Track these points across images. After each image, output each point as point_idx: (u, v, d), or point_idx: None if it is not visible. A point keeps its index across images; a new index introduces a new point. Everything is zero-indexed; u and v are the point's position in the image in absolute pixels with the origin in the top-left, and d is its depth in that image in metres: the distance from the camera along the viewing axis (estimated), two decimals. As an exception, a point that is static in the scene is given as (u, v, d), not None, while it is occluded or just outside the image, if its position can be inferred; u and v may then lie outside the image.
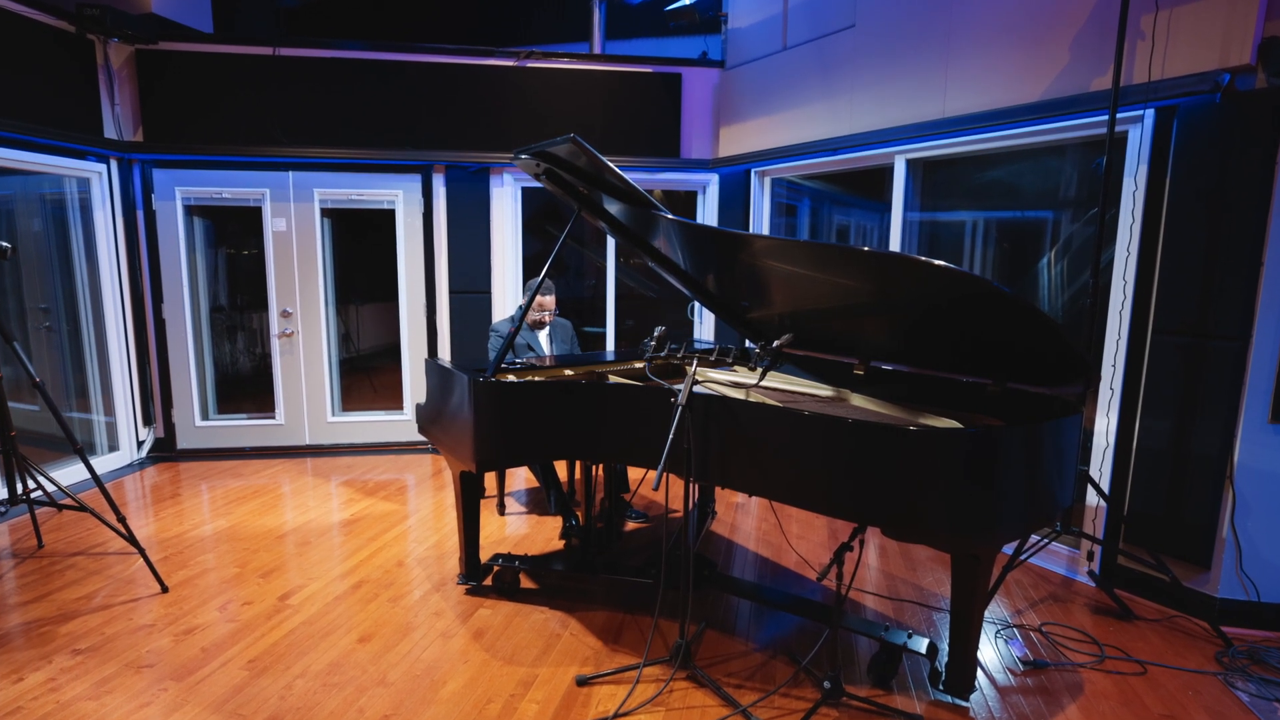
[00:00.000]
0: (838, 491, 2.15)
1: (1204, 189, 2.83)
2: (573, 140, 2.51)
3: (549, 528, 3.87)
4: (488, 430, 2.75)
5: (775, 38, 4.74)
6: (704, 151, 5.29)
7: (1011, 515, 2.08)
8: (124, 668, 2.51)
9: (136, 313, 4.93)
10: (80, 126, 4.44)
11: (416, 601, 3.02)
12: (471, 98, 4.99)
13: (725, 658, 2.61)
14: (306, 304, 5.18)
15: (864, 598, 3.12)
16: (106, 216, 4.71)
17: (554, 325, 4.14)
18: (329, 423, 5.34)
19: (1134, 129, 3.08)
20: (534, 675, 2.49)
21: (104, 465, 4.78)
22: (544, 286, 3.88)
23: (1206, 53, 2.76)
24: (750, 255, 2.65)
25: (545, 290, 3.94)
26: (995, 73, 3.50)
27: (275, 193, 5.03)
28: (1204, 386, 2.87)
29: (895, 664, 2.49)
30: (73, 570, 3.27)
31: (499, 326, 4.04)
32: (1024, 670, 2.58)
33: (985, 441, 2.01)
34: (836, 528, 3.98)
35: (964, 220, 4.23)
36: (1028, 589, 3.24)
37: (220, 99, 4.77)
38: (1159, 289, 3.00)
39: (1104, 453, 3.24)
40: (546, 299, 3.96)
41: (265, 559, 3.44)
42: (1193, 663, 2.64)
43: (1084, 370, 2.18)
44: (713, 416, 2.37)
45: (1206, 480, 2.88)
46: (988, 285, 2.01)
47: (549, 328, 4.11)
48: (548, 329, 4.12)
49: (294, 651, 2.63)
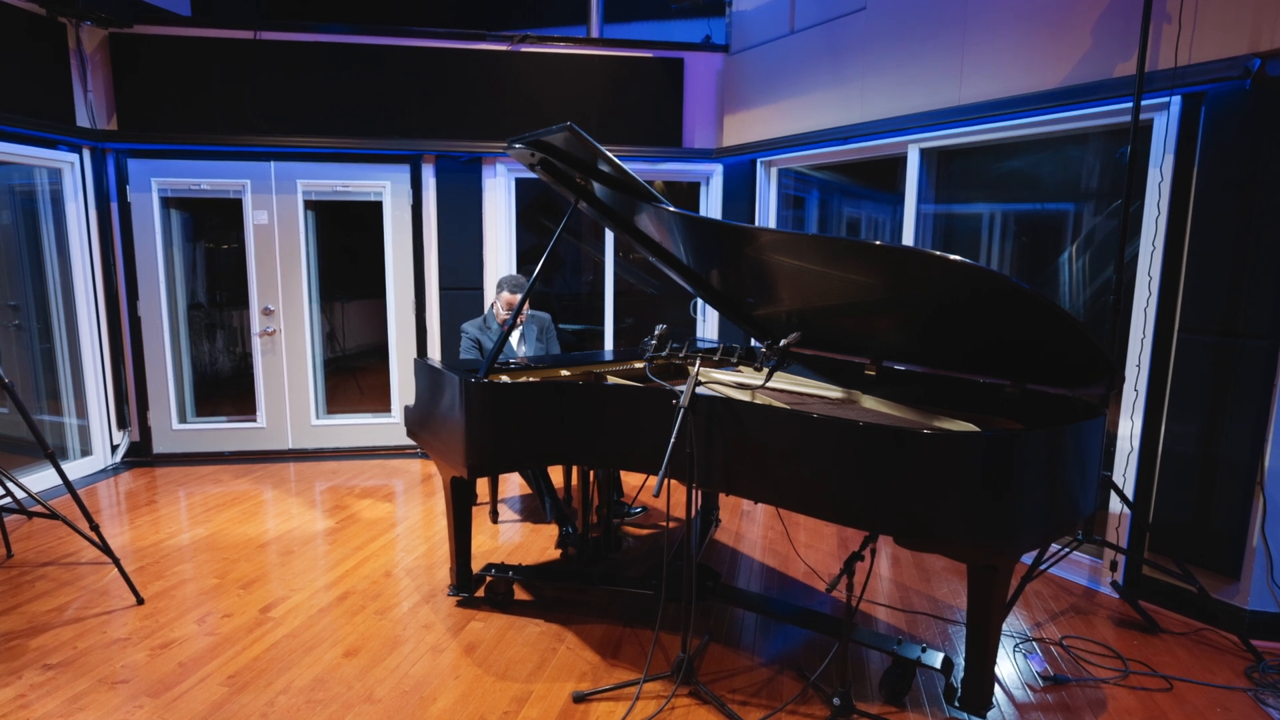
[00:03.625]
0: (848, 498, 2.14)
1: (1233, 180, 2.83)
2: (569, 129, 2.51)
3: (544, 536, 3.87)
4: (480, 434, 2.75)
5: (782, 21, 4.74)
6: (707, 141, 5.29)
7: (1031, 523, 2.08)
8: (97, 684, 2.50)
9: (111, 310, 4.93)
10: (51, 114, 4.43)
11: (405, 614, 3.02)
12: (463, 84, 4.99)
13: (730, 673, 2.61)
14: (289, 301, 5.18)
15: (875, 610, 3.12)
16: (79, 209, 4.71)
17: (528, 321, 4.12)
18: (313, 426, 5.34)
19: (1159, 117, 3.08)
20: (528, 691, 2.48)
21: (76, 470, 4.78)
22: (511, 285, 3.88)
23: (1235, 37, 2.75)
24: (756, 249, 2.65)
25: (513, 288, 3.90)
26: (1014, 58, 3.50)
27: (256, 184, 5.03)
28: (1233, 388, 2.87)
29: (909, 680, 2.48)
30: (43, 581, 3.27)
31: (467, 327, 4.05)
32: (1044, 686, 2.57)
33: (1003, 446, 2.01)
34: (847, 536, 3.98)
35: (981, 213, 4.22)
36: (1048, 600, 3.23)
37: (199, 85, 4.77)
38: (1186, 285, 3.00)
39: (1128, 457, 3.23)
40: (512, 297, 3.89)
41: (246, 569, 3.44)
42: (1221, 678, 2.63)
43: (1107, 371, 2.17)
44: (716, 419, 2.36)
45: (1235, 486, 2.88)
46: (1006, 281, 2.01)
47: (521, 327, 4.10)
48: (520, 329, 4.11)
49: (276, 666, 2.62)
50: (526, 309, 4.03)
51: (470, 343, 4.01)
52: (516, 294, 3.89)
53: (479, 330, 4.03)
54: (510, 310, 3.90)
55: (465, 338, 4.03)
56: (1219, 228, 2.88)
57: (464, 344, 4.02)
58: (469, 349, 4.00)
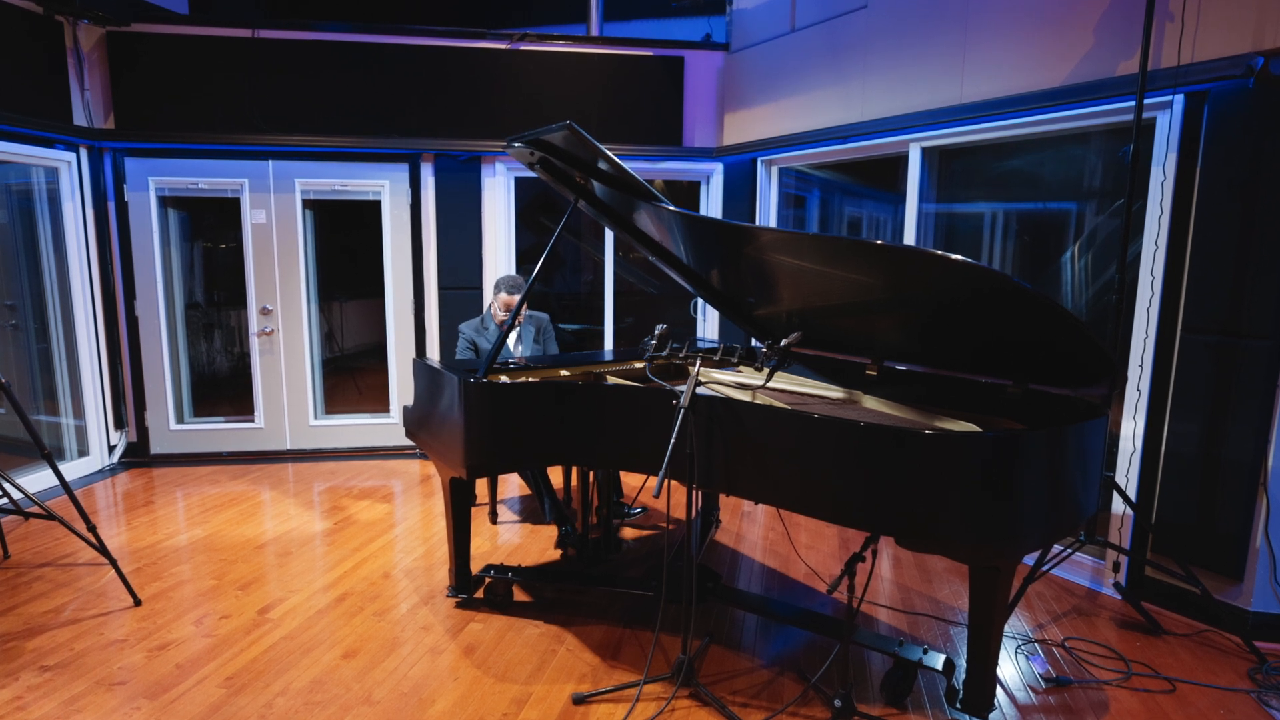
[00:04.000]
0: (849, 499, 2.15)
1: (1236, 179, 2.83)
2: (569, 127, 2.51)
3: (543, 537, 3.88)
4: (479, 434, 2.75)
5: (783, 19, 4.75)
6: (708, 139, 5.30)
7: (1033, 524, 2.08)
8: (94, 685, 2.51)
9: (108, 310, 4.93)
10: (48, 113, 4.44)
11: (404, 615, 3.02)
12: (462, 83, 5.00)
13: (730, 675, 2.61)
14: (287, 301, 5.19)
15: (877, 611, 3.13)
16: (76, 208, 4.72)
17: (526, 322, 4.12)
18: (311, 426, 5.34)
19: (1162, 115, 3.09)
20: (528, 693, 2.49)
21: (73, 471, 4.78)
22: (509, 286, 3.88)
23: (1239, 35, 2.76)
24: (757, 249, 2.65)
25: (510, 289, 3.89)
26: (1016, 56, 3.50)
27: (254, 183, 5.03)
28: (1236, 388, 2.87)
29: (910, 681, 2.49)
30: (40, 582, 3.28)
31: (464, 328, 4.05)
32: (1046, 688, 2.58)
33: (1005, 446, 2.01)
34: (848, 537, 3.99)
35: (982, 212, 4.23)
36: (1050, 602, 3.24)
37: (196, 84, 4.77)
38: (1189, 285, 3.00)
39: (1130, 458, 3.24)
40: (510, 298, 3.89)
41: (244, 570, 3.44)
42: (1224, 680, 2.64)
43: (1109, 371, 2.18)
44: (717, 419, 2.37)
45: (1239, 487, 2.89)
46: (1007, 280, 2.02)
47: (519, 327, 4.11)
48: (518, 329, 4.11)
49: (274, 668, 2.63)
50: (525, 309, 4.03)
51: (466, 344, 4.01)
52: (514, 295, 3.88)
53: (475, 331, 4.04)
54: (508, 311, 3.90)
55: (461, 338, 4.03)
56: (1222, 227, 2.88)
57: (460, 345, 4.02)
58: (464, 350, 4.01)
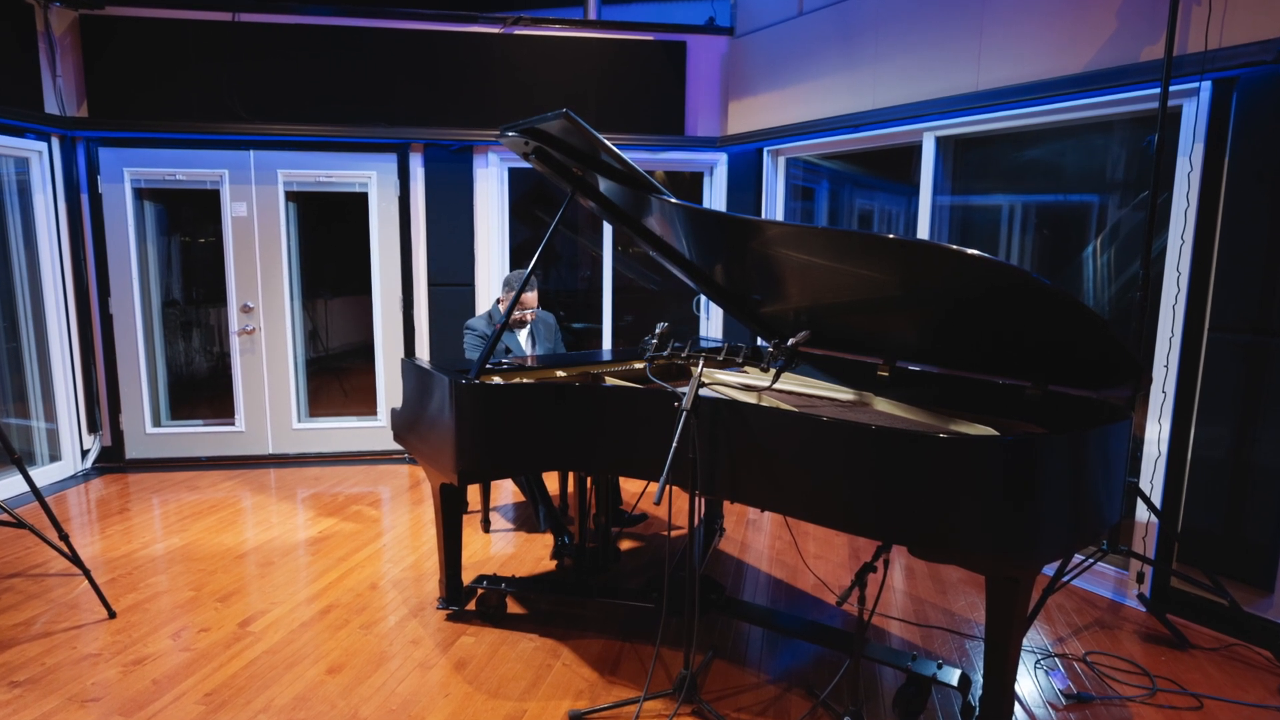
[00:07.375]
0: (860, 506, 2.14)
1: (1266, 169, 2.83)
2: (565, 116, 2.51)
3: (538, 546, 3.87)
4: (471, 438, 2.75)
5: (790, 2, 4.74)
6: (711, 129, 5.29)
7: (1053, 533, 2.07)
8: (67, 701, 2.50)
9: (81, 307, 4.93)
10: (17, 100, 4.43)
11: (392, 628, 3.02)
12: (452, 69, 4.99)
13: (735, 690, 2.61)
14: (269, 298, 5.18)
15: (889, 624, 3.12)
16: (47, 200, 4.71)
17: (535, 321, 4.13)
18: (294, 429, 5.34)
19: (1189, 103, 3.08)
20: (522, 710, 2.49)
21: (44, 477, 4.78)
22: (530, 284, 3.87)
23: (1269, 19, 2.75)
24: (763, 243, 2.65)
25: (530, 285, 3.92)
26: (1035, 41, 3.50)
27: (235, 174, 5.03)
28: (1267, 390, 2.87)
29: (924, 698, 2.49)
30: (10, 593, 3.27)
31: (475, 324, 4.03)
32: (1067, 704, 2.58)
33: (1024, 451, 2.01)
34: (858, 546, 3.99)
35: (1000, 204, 4.22)
36: (1071, 614, 3.24)
37: (174, 70, 4.77)
38: (1216, 281, 3.00)
39: (1155, 463, 3.24)
40: (530, 295, 3.94)
41: (223, 581, 3.44)
42: (1254, 696, 2.63)
43: (1133, 371, 2.17)
44: (721, 422, 2.36)
45: (1270, 494, 2.88)
46: (1026, 276, 2.01)
47: (529, 325, 4.10)
48: (529, 327, 4.11)
49: (256, 684, 2.62)
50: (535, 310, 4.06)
51: (477, 339, 3.95)
52: (532, 292, 3.95)
53: (489, 326, 4.00)
54: (524, 309, 3.95)
55: (471, 334, 3.97)
56: (1252, 220, 2.88)
57: (470, 341, 3.96)
58: (476, 347, 3.94)
